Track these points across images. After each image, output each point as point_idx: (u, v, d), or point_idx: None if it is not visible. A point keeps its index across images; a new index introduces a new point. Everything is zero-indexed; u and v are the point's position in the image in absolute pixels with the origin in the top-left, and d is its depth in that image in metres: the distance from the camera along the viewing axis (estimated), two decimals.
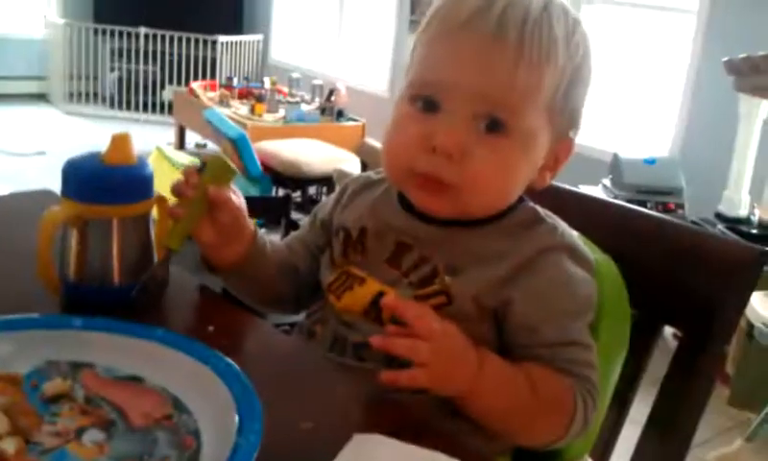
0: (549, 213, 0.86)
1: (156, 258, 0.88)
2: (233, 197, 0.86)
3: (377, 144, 3.12)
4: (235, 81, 6.00)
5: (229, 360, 0.68)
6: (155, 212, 0.89)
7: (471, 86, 0.77)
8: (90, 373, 0.69)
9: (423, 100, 0.80)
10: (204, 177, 0.84)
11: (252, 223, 0.90)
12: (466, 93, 0.77)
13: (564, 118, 0.83)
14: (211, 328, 0.80)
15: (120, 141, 0.84)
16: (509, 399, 0.76)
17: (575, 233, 0.86)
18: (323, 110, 5.38)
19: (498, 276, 0.80)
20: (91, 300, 0.83)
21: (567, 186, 1.04)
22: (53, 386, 0.65)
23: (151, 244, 0.87)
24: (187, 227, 0.84)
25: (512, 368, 0.77)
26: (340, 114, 5.32)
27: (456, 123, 0.77)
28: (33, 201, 1.05)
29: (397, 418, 0.71)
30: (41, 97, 7.22)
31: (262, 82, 6.04)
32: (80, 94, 6.98)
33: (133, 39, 6.83)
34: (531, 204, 0.86)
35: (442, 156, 0.77)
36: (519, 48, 0.76)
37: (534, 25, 0.76)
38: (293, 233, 1.01)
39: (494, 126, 0.78)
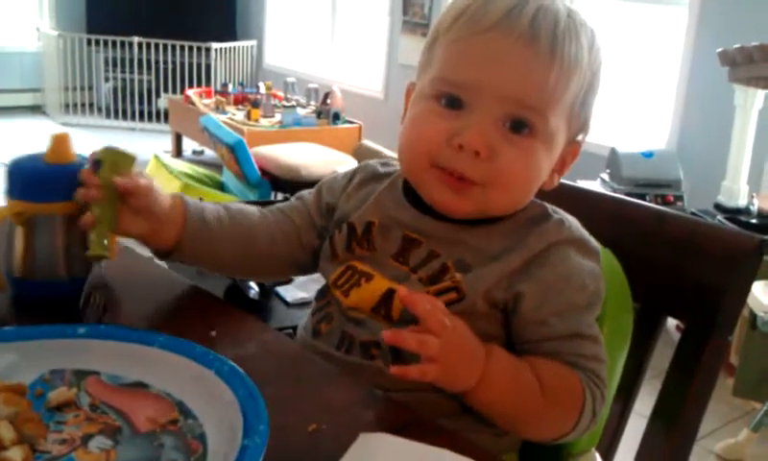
0: (557, 209, 0.86)
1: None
2: (141, 179, 0.84)
3: (374, 146, 3.13)
4: (230, 87, 6.00)
5: (233, 363, 0.68)
6: None
7: (503, 88, 0.77)
8: (95, 380, 0.69)
9: (448, 98, 0.80)
10: (102, 173, 0.82)
11: (175, 198, 0.88)
12: (496, 94, 0.77)
13: (579, 122, 0.84)
14: (213, 333, 0.80)
15: (60, 141, 0.86)
16: (517, 394, 0.76)
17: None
18: (319, 114, 5.38)
19: (508, 270, 0.80)
20: (38, 294, 0.85)
21: (566, 181, 1.04)
22: (58, 394, 0.65)
23: None
24: (105, 229, 0.82)
25: (520, 363, 0.78)
26: (336, 117, 5.32)
27: (484, 122, 0.77)
28: None
29: (403, 416, 0.71)
30: (37, 109, 7.22)
31: (257, 87, 6.04)
32: (75, 105, 6.98)
33: (127, 49, 6.83)
34: (538, 201, 0.86)
35: (468, 153, 0.77)
36: (552, 52, 0.76)
37: (565, 31, 0.77)
38: (291, 205, 0.96)
39: (520, 126, 0.78)
